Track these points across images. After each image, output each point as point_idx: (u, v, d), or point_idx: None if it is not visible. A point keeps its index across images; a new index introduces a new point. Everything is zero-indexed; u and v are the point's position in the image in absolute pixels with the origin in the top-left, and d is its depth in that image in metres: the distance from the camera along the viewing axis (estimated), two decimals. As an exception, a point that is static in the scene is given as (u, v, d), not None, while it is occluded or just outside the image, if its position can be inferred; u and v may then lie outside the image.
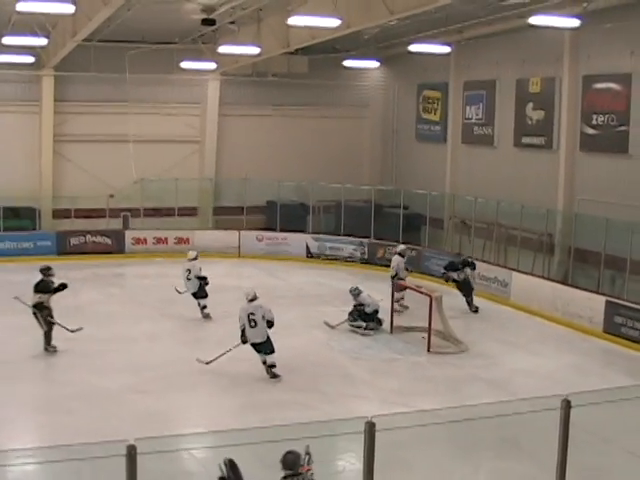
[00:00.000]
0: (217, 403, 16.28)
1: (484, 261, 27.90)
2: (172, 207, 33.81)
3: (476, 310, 24.28)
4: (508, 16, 25.37)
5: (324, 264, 31.71)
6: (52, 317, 19.16)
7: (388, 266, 30.26)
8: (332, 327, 21.95)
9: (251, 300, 17.97)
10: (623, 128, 24.80)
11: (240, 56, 29.43)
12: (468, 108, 32.17)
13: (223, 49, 27.52)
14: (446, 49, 29.55)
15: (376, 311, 22.04)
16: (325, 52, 32.95)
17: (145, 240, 32.58)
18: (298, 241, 32.76)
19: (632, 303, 21.99)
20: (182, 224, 33.59)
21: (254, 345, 17.85)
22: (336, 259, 32.12)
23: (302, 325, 19.26)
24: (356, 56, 33.49)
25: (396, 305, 22.99)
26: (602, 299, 22.66)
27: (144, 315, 22.90)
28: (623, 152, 24.84)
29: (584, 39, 26.02)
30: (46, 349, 19.18)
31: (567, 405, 7.43)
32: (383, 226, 31.88)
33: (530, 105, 28.76)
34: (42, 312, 19.10)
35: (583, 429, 7.78)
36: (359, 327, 21.76)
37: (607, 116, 25.35)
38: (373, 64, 34.78)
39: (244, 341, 17.81)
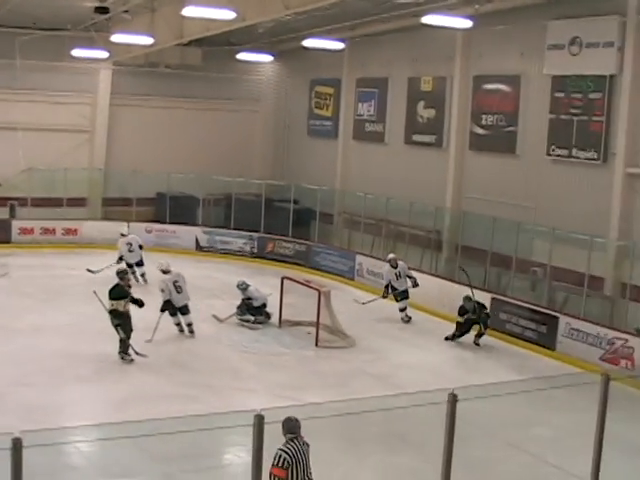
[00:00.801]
0: (103, 396, 15.96)
1: (373, 257, 28.16)
2: (61, 197, 33.11)
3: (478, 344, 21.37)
4: (402, 14, 25.55)
5: (214, 257, 31.50)
6: (123, 328, 17.95)
7: (278, 260, 30.44)
8: (220, 321, 21.82)
9: (168, 271, 20.61)
10: (511, 129, 25.21)
11: (133, 46, 28.92)
12: (360, 105, 32.30)
13: (116, 38, 27.07)
14: (340, 45, 29.69)
15: (264, 305, 22.00)
16: (219, 44, 32.73)
17: (32, 230, 31.83)
18: (188, 234, 32.48)
19: (516, 300, 22.44)
20: (71, 214, 32.96)
21: (178, 309, 20.27)
22: (226, 253, 31.94)
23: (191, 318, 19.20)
24: (250, 49, 33.36)
25: (403, 314, 23.42)
26: (488, 296, 23.01)
27: (30, 306, 22.40)
28: (511, 152, 25.26)
29: (476, 40, 26.39)
30: (122, 357, 18.10)
31: (453, 399, 7.49)
32: (273, 220, 31.83)
33: (421, 103, 29.04)
34: (114, 320, 18.02)
35: (468, 423, 7.85)
36: (247, 321, 21.68)
37: (496, 116, 25.75)
38: (267, 58, 34.73)
39: (164, 310, 20.00)
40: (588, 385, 14.39)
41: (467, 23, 23.17)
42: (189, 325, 20.49)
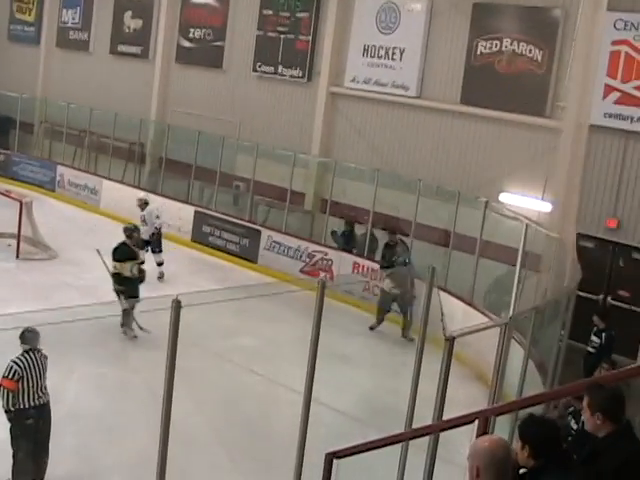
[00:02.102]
0: None
1: (74, 168, 27.03)
2: None
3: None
4: None
5: None
6: (126, 296, 14.78)
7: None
8: None
9: None
10: (219, 43, 24.69)
11: None
12: (65, 11, 30.49)
13: None
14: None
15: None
16: None
17: None
18: None
19: (219, 213, 22.19)
20: None
21: None
22: None
23: None
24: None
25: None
26: (191, 209, 22.68)
27: None
28: (218, 67, 24.77)
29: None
30: (124, 332, 14.80)
31: (178, 305, 7.02)
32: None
33: (128, 13, 27.78)
34: (116, 285, 15.08)
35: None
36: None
37: (204, 30, 25.10)
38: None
39: None
40: (288, 296, 14.45)
41: None
42: None
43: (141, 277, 15.31)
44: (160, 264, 19.15)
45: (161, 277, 19.01)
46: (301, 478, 8.02)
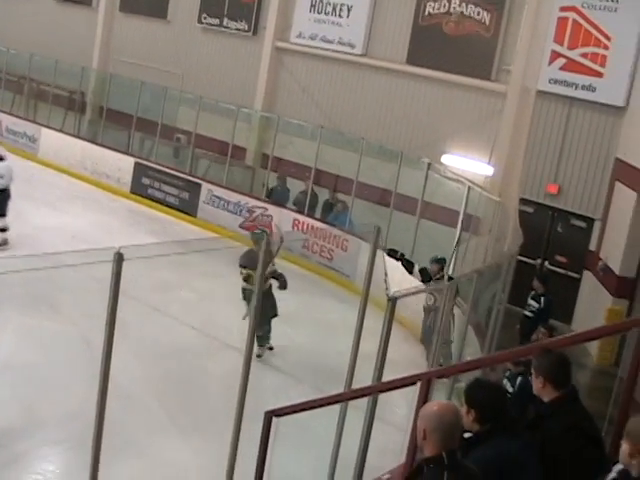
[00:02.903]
0: None
1: (13, 115, 26.36)
2: None
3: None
4: None
5: None
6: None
7: None
8: None
9: None
10: (164, -7, 24.32)
11: None
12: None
13: None
14: None
15: None
16: None
17: None
18: None
19: (160, 165, 21.82)
20: None
21: None
22: None
23: None
24: None
25: None
26: (131, 160, 22.27)
27: None
28: (162, 17, 24.34)
29: None
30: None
31: (120, 258, 6.73)
32: None
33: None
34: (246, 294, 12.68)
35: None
36: None
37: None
38: None
39: None
40: (227, 251, 14.25)
41: None
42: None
43: (281, 282, 13.02)
44: (3, 230, 16.66)
45: (3, 244, 16.49)
46: (239, 435, 7.87)
